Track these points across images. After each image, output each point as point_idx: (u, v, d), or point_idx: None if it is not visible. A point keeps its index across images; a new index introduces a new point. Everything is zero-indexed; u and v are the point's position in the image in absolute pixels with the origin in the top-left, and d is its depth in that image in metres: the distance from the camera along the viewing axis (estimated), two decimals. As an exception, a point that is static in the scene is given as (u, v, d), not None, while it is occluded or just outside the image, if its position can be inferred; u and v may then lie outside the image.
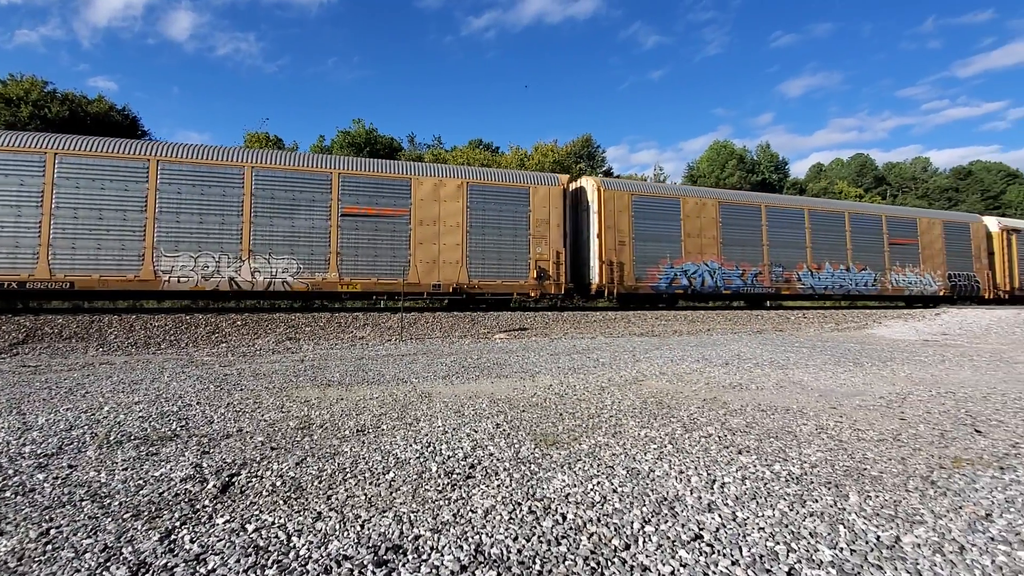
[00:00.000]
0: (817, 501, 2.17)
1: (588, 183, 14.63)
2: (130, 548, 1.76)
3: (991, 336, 10.11)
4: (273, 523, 1.94)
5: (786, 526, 1.94)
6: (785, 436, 3.11)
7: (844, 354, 7.12)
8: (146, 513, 2.03)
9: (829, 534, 1.88)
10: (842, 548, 1.78)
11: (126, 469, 2.51)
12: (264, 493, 2.22)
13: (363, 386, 4.69)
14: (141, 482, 2.35)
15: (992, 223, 21.04)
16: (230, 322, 9.47)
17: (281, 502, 2.13)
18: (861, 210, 18.52)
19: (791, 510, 2.08)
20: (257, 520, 1.96)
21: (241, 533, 1.86)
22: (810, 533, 1.88)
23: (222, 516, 2.00)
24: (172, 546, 1.78)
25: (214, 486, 2.29)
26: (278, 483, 2.33)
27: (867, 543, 1.81)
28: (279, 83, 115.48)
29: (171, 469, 2.51)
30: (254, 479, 2.38)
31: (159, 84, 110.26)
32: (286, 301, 13.87)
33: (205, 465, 2.56)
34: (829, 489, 2.30)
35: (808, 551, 1.76)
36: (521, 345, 8.22)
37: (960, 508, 2.10)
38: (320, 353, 7.20)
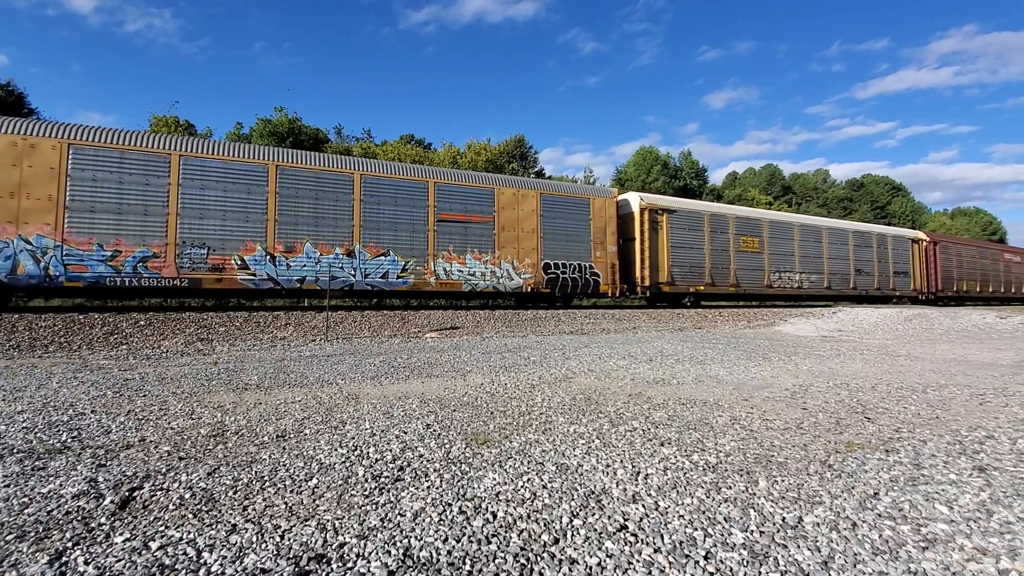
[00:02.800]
0: (731, 487, 2.31)
1: None
2: (14, 573, 1.57)
3: (878, 332, 11.26)
4: (181, 539, 1.79)
5: (703, 512, 2.05)
6: (703, 427, 3.29)
7: (755, 350, 7.66)
8: (32, 534, 1.81)
9: (741, 518, 2.00)
10: (752, 531, 1.90)
11: (8, 486, 2.23)
12: (170, 507, 2.05)
13: (284, 389, 4.46)
14: (26, 500, 2.10)
15: (633, 200, 16.29)
16: (131, 322, 8.69)
17: (190, 516, 1.97)
18: (382, 172, 12.77)
19: (708, 497, 2.20)
20: (162, 536, 1.81)
21: (144, 551, 1.70)
22: (724, 518, 2.00)
23: (121, 534, 1.82)
24: (63, 569, 1.60)
25: (112, 502, 2.08)
26: (187, 495, 2.16)
27: (774, 524, 1.95)
28: (199, 65, 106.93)
29: (61, 485, 2.26)
30: (159, 492, 2.19)
31: (58, 60, 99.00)
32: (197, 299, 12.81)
33: (101, 479, 2.32)
34: (741, 476, 2.45)
35: (723, 535, 1.86)
36: (452, 344, 8.15)
37: (853, 488, 2.32)
38: (236, 355, 6.77)
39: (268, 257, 11.24)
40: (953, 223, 67.29)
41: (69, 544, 1.75)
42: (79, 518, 1.94)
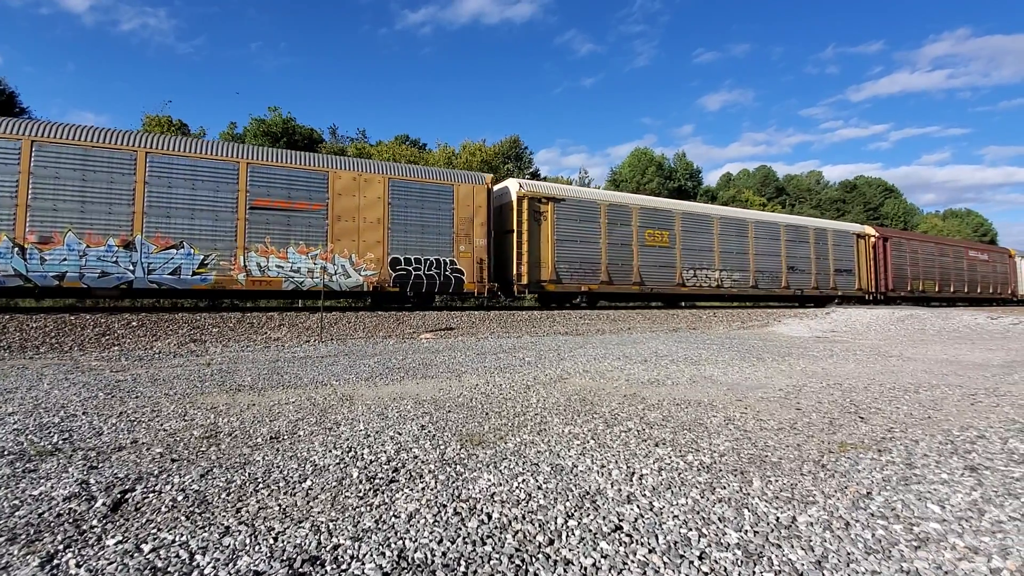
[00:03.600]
0: (725, 488, 2.31)
1: None
2: (2, 577, 1.56)
3: (871, 333, 11.33)
4: (173, 541, 1.78)
5: (698, 513, 2.05)
6: (697, 428, 3.30)
7: (749, 350, 7.69)
8: (23, 536, 1.80)
9: (735, 518, 2.01)
10: (747, 531, 1.91)
11: (-5, 490, 2.21)
12: (163, 509, 2.04)
13: (278, 390, 4.44)
14: (17, 502, 2.08)
15: (511, 187, 14.19)
16: (123, 323, 8.63)
17: (183, 518, 1.96)
18: (175, 150, 10.63)
19: (702, 497, 2.20)
20: (155, 539, 1.79)
21: (136, 554, 1.69)
22: (719, 518, 2.00)
23: (113, 537, 1.81)
24: (55, 571, 1.58)
25: (103, 504, 2.07)
26: (179, 497, 2.15)
27: (768, 524, 1.96)
28: (194, 65, 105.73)
29: (52, 487, 2.24)
30: (151, 494, 2.18)
31: (53, 59, 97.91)
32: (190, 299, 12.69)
33: (93, 481, 2.31)
34: (735, 476, 2.46)
35: (717, 535, 1.87)
36: (447, 345, 8.14)
37: (846, 488, 2.33)
38: (229, 356, 6.73)
39: (16, 249, 9.32)
40: (945, 224, 67.81)
41: (60, 547, 1.73)
42: (70, 520, 1.93)
